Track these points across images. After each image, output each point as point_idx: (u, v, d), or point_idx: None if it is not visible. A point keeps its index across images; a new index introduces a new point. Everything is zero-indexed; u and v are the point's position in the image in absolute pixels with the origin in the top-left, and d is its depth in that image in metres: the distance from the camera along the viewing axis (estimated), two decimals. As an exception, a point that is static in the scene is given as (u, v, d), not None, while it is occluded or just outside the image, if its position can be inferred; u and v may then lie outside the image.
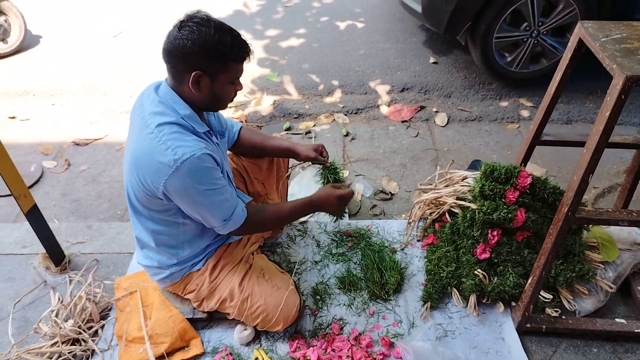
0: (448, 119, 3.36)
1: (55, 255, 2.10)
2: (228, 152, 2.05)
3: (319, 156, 1.89)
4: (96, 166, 2.96)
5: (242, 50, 1.42)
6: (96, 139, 3.18)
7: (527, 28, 3.28)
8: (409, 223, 2.23)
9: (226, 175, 1.65)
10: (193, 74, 1.39)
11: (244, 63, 1.47)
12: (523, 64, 3.44)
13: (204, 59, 1.38)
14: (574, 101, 3.46)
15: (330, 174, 1.88)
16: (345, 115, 3.42)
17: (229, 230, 1.61)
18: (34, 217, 1.96)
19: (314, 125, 3.31)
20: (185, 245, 1.70)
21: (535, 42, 3.33)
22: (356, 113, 3.46)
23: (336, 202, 1.70)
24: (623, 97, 1.31)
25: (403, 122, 3.34)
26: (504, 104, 3.50)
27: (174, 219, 1.60)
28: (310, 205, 1.72)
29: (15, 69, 4.06)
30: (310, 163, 1.93)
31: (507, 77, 3.56)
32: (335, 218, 2.02)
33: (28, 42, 4.36)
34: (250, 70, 3.92)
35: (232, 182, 1.77)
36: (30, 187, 2.78)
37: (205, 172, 1.45)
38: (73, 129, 3.31)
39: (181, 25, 1.37)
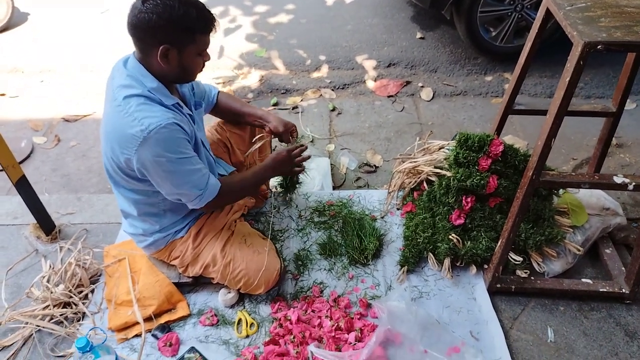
0: (433, 94, 3.41)
1: (46, 225, 2.17)
2: (214, 123, 2.11)
3: (285, 134, 1.90)
4: (85, 142, 3.01)
5: (208, 22, 1.44)
6: (85, 115, 3.22)
7: (511, 2, 3.30)
8: (389, 192, 2.30)
9: (201, 144, 1.68)
10: (161, 47, 1.41)
11: (211, 34, 1.49)
12: (507, 38, 3.48)
13: (171, 32, 1.40)
14: (557, 75, 3.51)
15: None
16: (332, 90, 3.47)
17: (206, 201, 1.62)
18: (23, 187, 2.02)
19: (301, 101, 3.35)
20: (167, 213, 1.76)
21: (520, 16, 3.37)
22: (343, 88, 3.51)
23: (287, 156, 1.79)
24: (582, 62, 1.37)
25: (389, 97, 3.39)
26: (489, 78, 3.55)
27: (153, 188, 1.63)
28: (267, 167, 1.79)
29: (4, 46, 4.06)
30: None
31: (492, 52, 3.60)
32: (285, 190, 2.08)
33: (16, 19, 4.34)
34: (239, 46, 3.95)
35: (210, 151, 1.82)
36: (20, 162, 2.83)
37: (174, 141, 1.48)
38: (62, 105, 3.34)
39: None
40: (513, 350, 1.77)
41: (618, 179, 1.58)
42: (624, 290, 1.87)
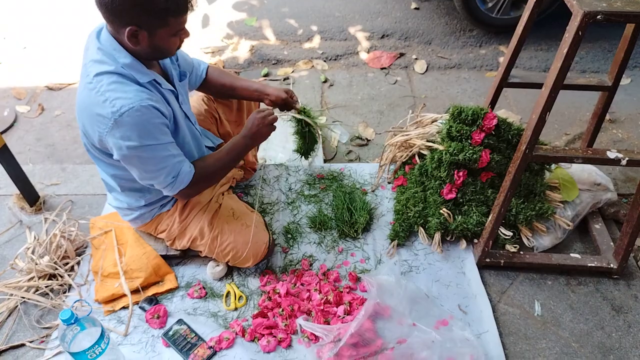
0: (427, 66, 3.35)
1: (30, 196, 2.12)
2: (201, 93, 2.04)
3: (289, 99, 1.85)
4: (71, 111, 2.93)
5: (180, 3, 1.32)
6: (70, 84, 3.13)
7: (509, -28, 3.22)
8: (380, 166, 2.27)
9: (184, 118, 1.61)
10: (128, 29, 1.31)
11: (187, 14, 1.37)
12: (504, 9, 3.40)
13: (138, 15, 1.29)
14: (553, 49, 3.46)
15: (306, 116, 1.85)
16: (324, 61, 3.39)
17: (177, 189, 1.55)
18: (5, 157, 1.96)
19: (292, 72, 3.28)
20: (151, 188, 1.70)
21: (517, -13, 3.29)
22: (335, 59, 3.43)
23: (261, 123, 1.65)
24: (580, 33, 1.33)
25: (382, 69, 3.33)
26: (484, 51, 3.49)
27: None
28: (243, 139, 1.67)
29: (-16, 12, 3.91)
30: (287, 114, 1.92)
31: (487, 24, 3.52)
32: (302, 154, 2.01)
33: (-4, -17, 4.17)
34: (228, 14, 3.83)
35: (195, 124, 1.75)
36: (4, 131, 2.76)
37: (147, 125, 1.39)
38: (46, 73, 3.24)
39: None
40: (500, 323, 1.79)
41: (611, 154, 1.56)
42: (612, 266, 1.88)
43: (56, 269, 1.85)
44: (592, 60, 3.36)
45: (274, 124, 1.71)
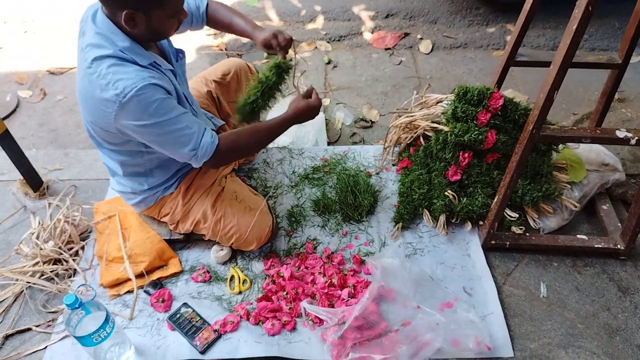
0: (432, 46, 3.29)
1: (33, 181, 2.12)
2: (199, 75, 2.02)
3: (273, 45, 1.68)
4: (73, 95, 2.91)
5: None
6: (71, 68, 3.10)
7: (517, -53, 3.13)
8: (385, 148, 2.25)
9: (184, 99, 1.59)
10: (124, 12, 1.28)
11: None
12: (511, -14, 3.33)
13: None
14: (561, 26, 3.39)
15: (278, 70, 1.64)
16: (328, 42, 3.34)
17: (202, 161, 1.51)
18: (7, 142, 1.96)
19: (295, 53, 3.23)
20: (154, 172, 1.70)
21: (525, -38, 3.20)
22: (339, 40, 3.38)
23: (306, 110, 1.61)
24: (590, 8, 1.29)
25: (386, 49, 3.27)
26: (491, 30, 3.42)
27: (137, 148, 1.56)
28: (286, 121, 1.62)
29: (-16, -5, 3.87)
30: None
31: (494, 1, 3.46)
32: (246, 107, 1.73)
33: (-5, -35, 4.12)
34: (230, -5, 3.78)
35: (193, 104, 1.72)
36: (6, 117, 2.75)
37: (153, 104, 1.36)
38: (47, 57, 3.21)
39: None
40: (505, 305, 1.78)
41: (621, 133, 1.53)
42: (619, 246, 1.86)
43: (61, 253, 1.86)
44: (602, 37, 3.29)
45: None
